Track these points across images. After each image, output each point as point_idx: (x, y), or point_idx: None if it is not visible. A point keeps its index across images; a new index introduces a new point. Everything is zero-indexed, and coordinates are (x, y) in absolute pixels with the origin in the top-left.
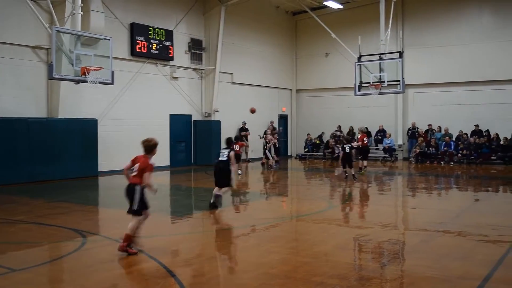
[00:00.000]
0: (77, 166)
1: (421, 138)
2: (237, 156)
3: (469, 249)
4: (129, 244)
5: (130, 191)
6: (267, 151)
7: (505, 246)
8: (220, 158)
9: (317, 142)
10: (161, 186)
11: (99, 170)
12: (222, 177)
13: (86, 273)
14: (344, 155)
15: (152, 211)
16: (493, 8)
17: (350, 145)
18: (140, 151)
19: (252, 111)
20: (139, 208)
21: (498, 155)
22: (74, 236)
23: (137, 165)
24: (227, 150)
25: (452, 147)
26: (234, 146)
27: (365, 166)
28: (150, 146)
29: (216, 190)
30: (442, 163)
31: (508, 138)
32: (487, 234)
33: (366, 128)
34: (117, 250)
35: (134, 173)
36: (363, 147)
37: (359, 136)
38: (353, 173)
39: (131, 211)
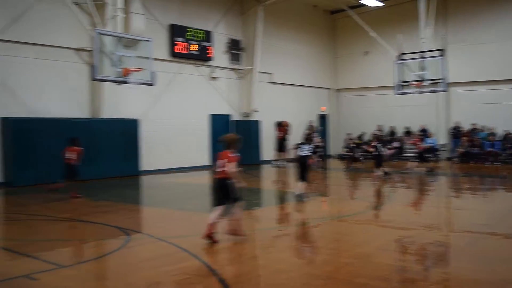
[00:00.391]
0: (119, 165)
1: (464, 138)
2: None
3: None
4: (214, 232)
5: (222, 186)
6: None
7: None
8: (301, 154)
9: (358, 142)
10: (201, 186)
11: (141, 169)
12: (304, 171)
13: (130, 271)
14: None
15: (193, 210)
16: None
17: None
18: (181, 151)
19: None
20: (237, 197)
21: None
22: (118, 234)
23: (222, 161)
24: (307, 146)
25: (498, 146)
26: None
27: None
28: (228, 141)
29: (299, 186)
30: (486, 163)
31: None
32: None
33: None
34: (202, 237)
35: (221, 169)
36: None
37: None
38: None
39: (223, 203)
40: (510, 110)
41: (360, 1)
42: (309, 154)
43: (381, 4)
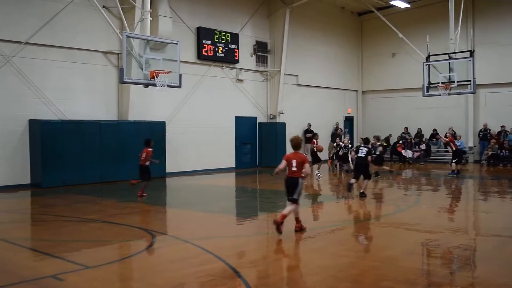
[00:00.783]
0: None
1: (493, 140)
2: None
3: None
4: (282, 222)
5: (293, 183)
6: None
7: None
8: (359, 155)
9: (384, 144)
10: (226, 188)
11: (167, 171)
12: (363, 171)
13: (155, 272)
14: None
15: (218, 212)
16: None
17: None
18: (206, 153)
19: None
20: (297, 198)
21: None
22: (144, 235)
23: (294, 161)
24: (366, 148)
25: None
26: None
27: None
28: (299, 142)
29: (353, 181)
30: None
31: None
32: None
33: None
34: (273, 223)
35: (294, 168)
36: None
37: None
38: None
39: (291, 199)
40: None
41: (388, 2)
42: (364, 156)
43: (408, 5)
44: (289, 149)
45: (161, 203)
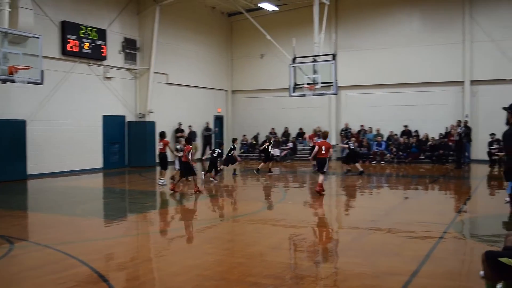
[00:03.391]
0: (4, 169)
1: (353, 138)
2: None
3: (398, 245)
4: (322, 188)
5: (323, 161)
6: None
7: (432, 242)
8: (214, 155)
9: (253, 142)
10: (93, 189)
11: (28, 173)
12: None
13: (14, 280)
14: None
15: (83, 215)
16: (422, 14)
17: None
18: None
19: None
20: (326, 171)
21: (426, 154)
22: (1, 243)
23: (323, 147)
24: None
25: (383, 147)
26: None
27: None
28: (326, 134)
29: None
30: (374, 162)
31: (436, 138)
32: (415, 230)
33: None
34: (315, 191)
35: (323, 152)
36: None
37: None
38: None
39: (322, 172)
40: (395, 112)
41: (257, 4)
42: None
43: (276, 8)
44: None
45: (20, 207)
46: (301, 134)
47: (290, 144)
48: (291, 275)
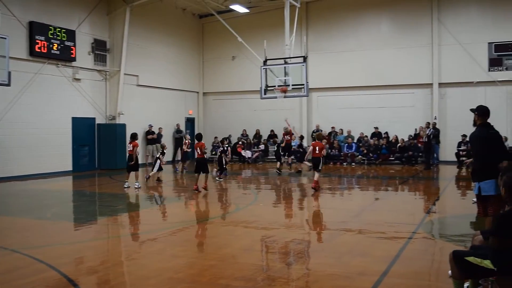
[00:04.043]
0: None
1: (324, 140)
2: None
3: (369, 246)
4: (318, 186)
5: (318, 160)
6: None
7: (401, 242)
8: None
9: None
10: (62, 192)
11: None
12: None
13: None
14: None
15: (52, 218)
16: (390, 17)
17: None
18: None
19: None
20: (320, 169)
21: (396, 156)
22: None
23: (317, 147)
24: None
25: (354, 148)
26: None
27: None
28: (320, 136)
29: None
30: (344, 164)
31: (405, 140)
32: (385, 231)
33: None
34: (311, 188)
35: (317, 152)
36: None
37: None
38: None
39: (317, 170)
40: (365, 114)
41: (228, 6)
42: None
43: (247, 10)
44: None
45: None
46: (272, 136)
47: (262, 146)
48: (263, 277)
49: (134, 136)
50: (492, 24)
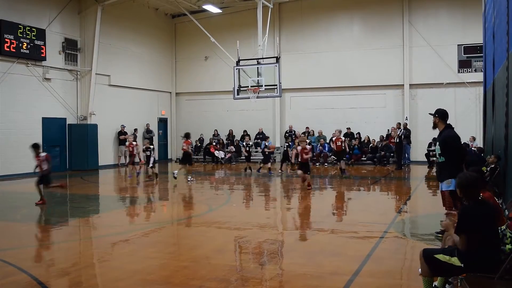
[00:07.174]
0: None
1: (304, 143)
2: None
3: (341, 245)
4: (310, 187)
5: (306, 163)
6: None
7: (373, 242)
8: None
9: (198, 145)
10: (32, 194)
11: None
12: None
13: None
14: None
15: (21, 220)
16: (362, 19)
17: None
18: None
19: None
20: (309, 172)
21: (368, 156)
22: None
23: (305, 151)
24: None
25: (326, 149)
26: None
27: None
28: (303, 140)
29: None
30: (317, 164)
31: (377, 140)
32: (357, 231)
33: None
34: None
35: (305, 155)
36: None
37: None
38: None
39: (307, 173)
40: (337, 114)
41: (201, 7)
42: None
43: (219, 10)
44: (102, 151)
45: None
46: (244, 136)
47: (232, 148)
48: (236, 277)
49: (187, 135)
50: (461, 26)
